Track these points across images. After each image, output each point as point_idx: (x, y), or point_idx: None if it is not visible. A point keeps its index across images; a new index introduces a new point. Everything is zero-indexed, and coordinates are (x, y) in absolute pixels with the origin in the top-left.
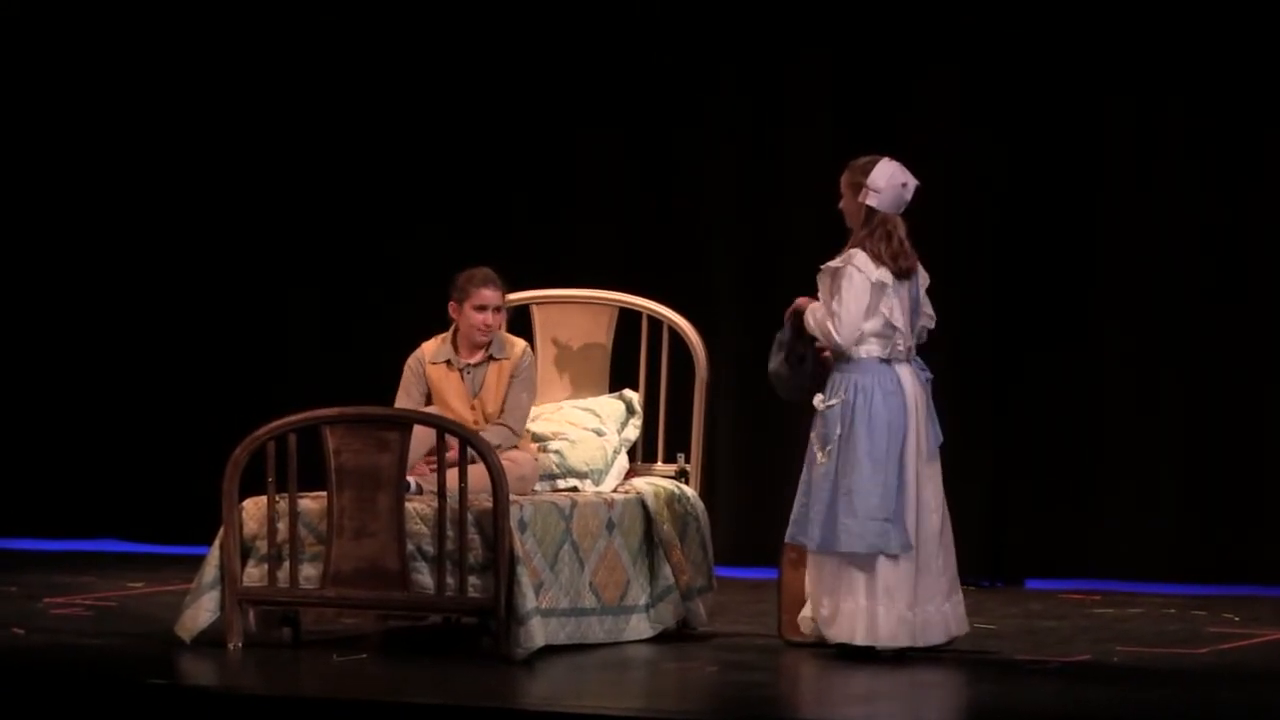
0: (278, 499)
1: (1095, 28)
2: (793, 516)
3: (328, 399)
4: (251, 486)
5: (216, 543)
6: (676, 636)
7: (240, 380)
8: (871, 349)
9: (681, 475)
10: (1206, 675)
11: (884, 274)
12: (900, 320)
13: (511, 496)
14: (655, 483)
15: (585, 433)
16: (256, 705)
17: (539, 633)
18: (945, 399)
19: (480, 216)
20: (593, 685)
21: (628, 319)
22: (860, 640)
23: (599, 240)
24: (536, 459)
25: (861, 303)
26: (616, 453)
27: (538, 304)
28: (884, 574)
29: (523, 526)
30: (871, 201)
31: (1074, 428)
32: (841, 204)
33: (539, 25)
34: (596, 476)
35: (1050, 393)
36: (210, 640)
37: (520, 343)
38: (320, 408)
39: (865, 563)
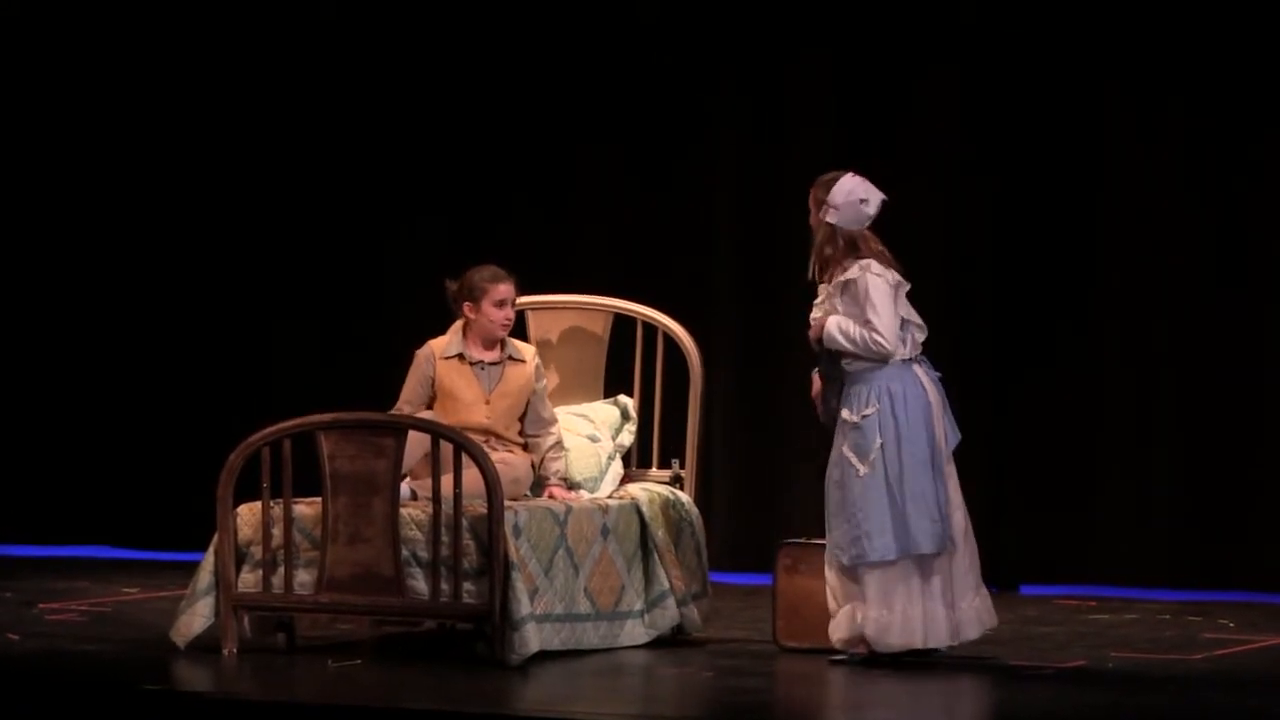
0: (272, 505)
1: (1096, 27)
2: (845, 540)
3: (323, 404)
4: (246, 492)
5: (211, 548)
6: (671, 642)
7: (235, 385)
8: (899, 352)
9: (676, 481)
10: (1202, 681)
11: (895, 275)
12: (917, 318)
13: (506, 502)
14: (650, 488)
15: (580, 439)
16: (251, 711)
17: (534, 638)
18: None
19: (478, 219)
20: (587, 691)
21: (623, 324)
22: (920, 644)
23: (597, 243)
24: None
25: (892, 304)
26: (611, 459)
27: (532, 309)
28: (935, 576)
29: (517, 532)
30: (831, 219)
31: (1070, 432)
32: (811, 219)
33: (537, 27)
34: (592, 485)
35: (1047, 396)
36: (205, 646)
37: (529, 348)
38: (315, 413)
39: (924, 566)
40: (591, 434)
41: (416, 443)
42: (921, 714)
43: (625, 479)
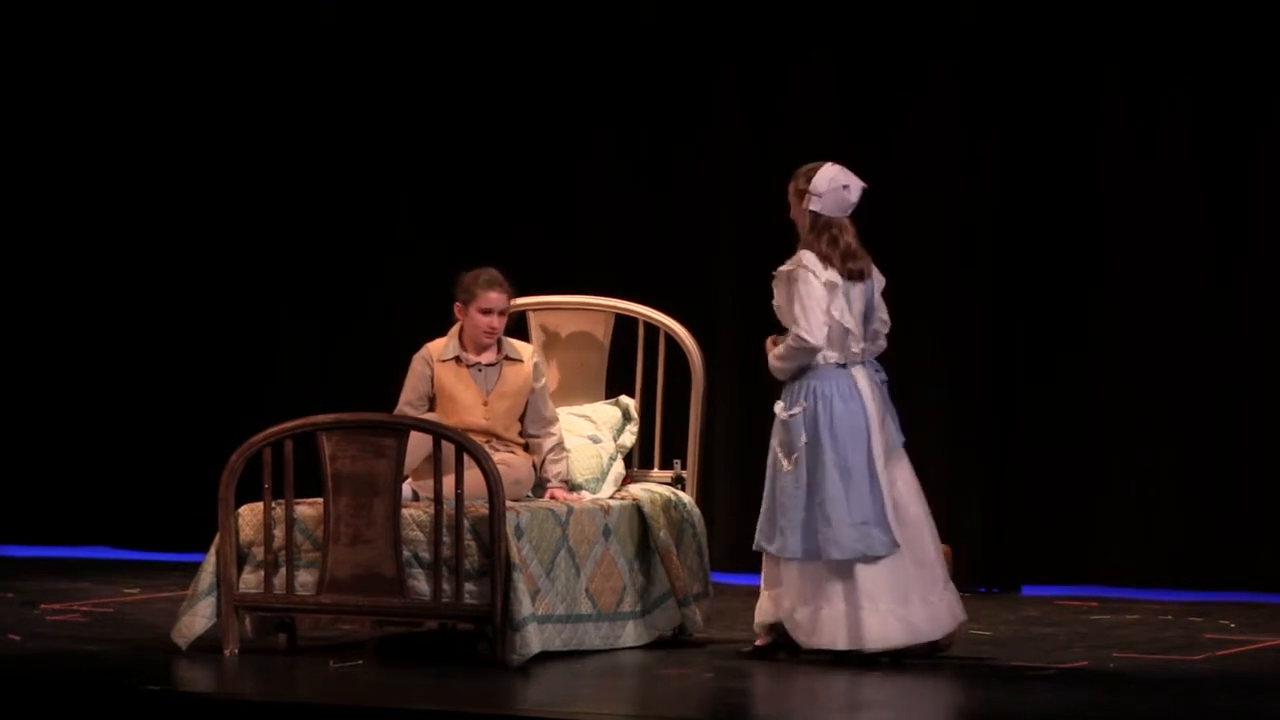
0: (274, 505)
1: (1096, 27)
2: (759, 524)
3: (324, 405)
4: (248, 493)
5: (213, 549)
6: (673, 643)
7: (236, 387)
8: (828, 354)
9: (678, 482)
10: (1203, 682)
11: (833, 275)
12: (851, 322)
13: (508, 503)
14: (652, 489)
15: (581, 440)
16: (253, 711)
17: (535, 639)
18: (943, 403)
19: (479, 221)
20: (589, 692)
21: (624, 325)
22: (843, 645)
23: (598, 244)
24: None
25: (821, 301)
26: (613, 459)
27: (534, 310)
28: (863, 577)
29: (519, 533)
30: (814, 206)
31: (1072, 433)
32: (791, 213)
33: (538, 27)
34: (593, 486)
35: (1048, 396)
36: (206, 646)
37: (529, 347)
38: (317, 414)
39: (844, 569)
40: (593, 435)
41: (418, 443)
42: (922, 714)
43: (627, 480)
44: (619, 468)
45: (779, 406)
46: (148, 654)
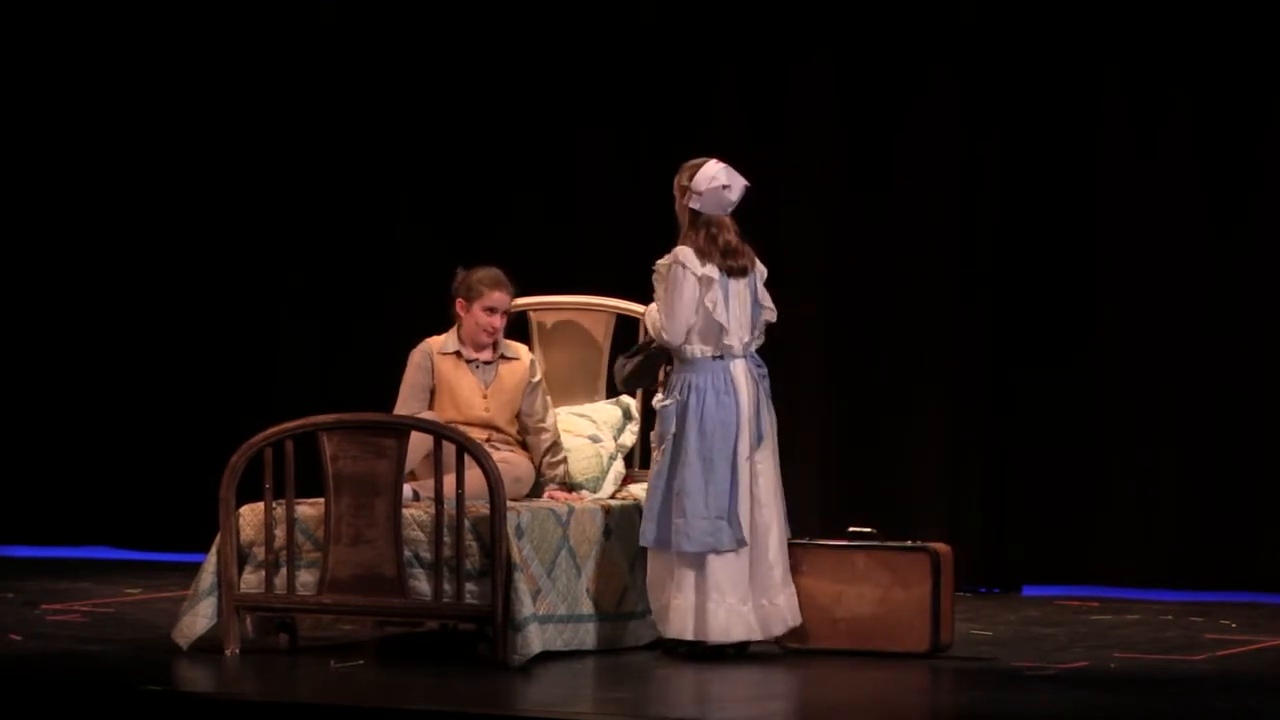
0: (275, 505)
1: (1096, 27)
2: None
3: (325, 405)
4: (249, 493)
5: (214, 549)
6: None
7: (237, 386)
8: (703, 348)
9: None
10: (1204, 682)
11: (710, 269)
12: (725, 316)
13: (509, 503)
14: None
15: (581, 440)
16: (254, 711)
17: (536, 639)
18: (943, 403)
19: (479, 221)
20: (589, 692)
21: (624, 325)
22: (690, 635)
23: (599, 243)
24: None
25: (689, 299)
26: (613, 459)
27: (534, 310)
28: (714, 570)
29: (520, 533)
30: (694, 204)
31: (1073, 433)
32: (675, 206)
33: (538, 26)
34: (594, 485)
35: (1049, 397)
36: (207, 646)
37: (523, 347)
38: (317, 414)
39: (696, 560)
40: (593, 434)
41: (419, 443)
42: (922, 714)
43: (627, 479)
44: (619, 467)
45: (657, 398)
46: (148, 654)
